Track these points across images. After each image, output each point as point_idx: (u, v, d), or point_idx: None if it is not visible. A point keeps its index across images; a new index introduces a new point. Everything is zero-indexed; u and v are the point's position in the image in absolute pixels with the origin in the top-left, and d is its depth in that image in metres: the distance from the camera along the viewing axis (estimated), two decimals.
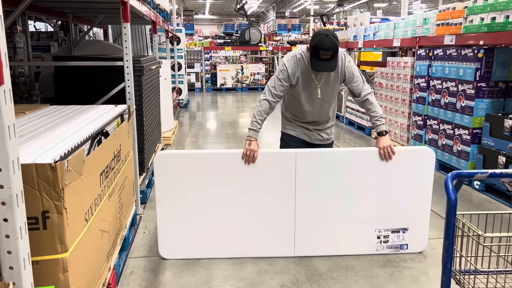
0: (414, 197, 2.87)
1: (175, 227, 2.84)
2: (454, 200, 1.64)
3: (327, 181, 2.84)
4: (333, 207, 2.88)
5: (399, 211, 2.90)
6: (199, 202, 2.82)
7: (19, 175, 1.22)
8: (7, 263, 1.22)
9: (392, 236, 2.93)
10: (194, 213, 2.83)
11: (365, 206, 2.89)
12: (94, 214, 2.02)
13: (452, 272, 1.73)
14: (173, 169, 2.76)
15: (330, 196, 2.86)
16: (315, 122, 3.01)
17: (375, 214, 2.90)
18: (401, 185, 2.86)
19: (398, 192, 2.86)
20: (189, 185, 2.79)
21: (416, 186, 2.86)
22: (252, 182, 2.81)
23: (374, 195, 2.87)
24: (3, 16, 1.14)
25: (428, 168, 2.86)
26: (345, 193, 2.86)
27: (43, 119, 2.45)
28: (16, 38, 5.14)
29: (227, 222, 2.86)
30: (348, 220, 2.90)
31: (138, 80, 3.86)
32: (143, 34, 8.35)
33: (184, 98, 10.39)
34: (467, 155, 4.49)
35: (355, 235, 2.93)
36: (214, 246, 2.90)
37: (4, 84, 1.14)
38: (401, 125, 6.02)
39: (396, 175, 2.84)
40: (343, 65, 2.81)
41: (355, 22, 8.38)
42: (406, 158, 2.85)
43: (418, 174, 2.85)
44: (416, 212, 2.90)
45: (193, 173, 2.78)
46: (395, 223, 2.92)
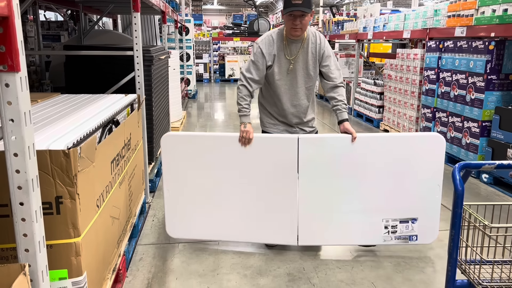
0: (423, 186, 2.74)
1: (180, 207, 2.86)
2: (461, 190, 1.66)
3: (331, 168, 2.75)
4: (338, 195, 2.79)
5: (407, 200, 2.77)
6: (203, 183, 2.82)
7: (34, 161, 1.26)
8: (23, 245, 1.26)
9: (400, 227, 2.80)
10: (197, 195, 2.84)
11: (371, 194, 2.77)
12: (105, 200, 2.06)
13: (457, 262, 1.75)
14: (178, 150, 2.78)
15: (334, 183, 2.77)
16: (294, 115, 2.89)
17: (382, 203, 2.78)
18: (409, 173, 2.73)
19: (407, 180, 2.74)
20: (193, 165, 2.80)
21: (425, 174, 2.73)
22: (254, 166, 2.77)
23: (380, 182, 2.75)
24: (18, 6, 1.17)
25: (438, 154, 2.71)
26: (350, 180, 2.76)
27: (55, 107, 2.49)
28: (27, 27, 5.19)
29: (229, 205, 2.83)
30: (354, 209, 2.80)
31: (147, 70, 3.89)
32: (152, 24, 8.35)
33: (192, 89, 10.41)
34: (475, 148, 4.47)
35: (361, 225, 2.82)
36: (217, 228, 2.88)
37: (20, 72, 1.17)
38: (409, 118, 5.99)
39: (404, 162, 2.73)
40: (321, 44, 2.76)
41: (365, 13, 8.32)
42: (414, 144, 2.73)
43: (427, 161, 2.71)
44: (425, 202, 2.76)
45: (196, 154, 2.78)
46: (404, 213, 2.79)
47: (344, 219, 2.81)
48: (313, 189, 2.79)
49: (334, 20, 9.86)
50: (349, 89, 8.41)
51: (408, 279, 2.60)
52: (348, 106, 8.39)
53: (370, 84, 7.36)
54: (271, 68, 2.78)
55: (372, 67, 8.92)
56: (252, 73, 2.77)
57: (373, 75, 8.57)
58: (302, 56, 2.76)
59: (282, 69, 2.78)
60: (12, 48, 1.14)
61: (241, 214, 2.84)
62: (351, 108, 8.23)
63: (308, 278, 2.60)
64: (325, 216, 2.82)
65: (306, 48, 2.74)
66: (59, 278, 1.66)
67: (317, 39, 2.76)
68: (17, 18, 1.15)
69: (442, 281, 1.98)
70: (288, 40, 2.73)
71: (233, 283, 2.54)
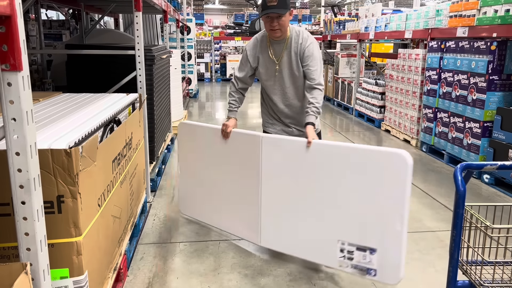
0: (382, 212, 2.24)
1: (187, 188, 3.31)
2: (462, 191, 1.65)
3: (290, 172, 2.56)
4: (296, 202, 2.56)
5: (365, 224, 2.31)
6: (198, 170, 3.16)
7: (36, 160, 1.26)
8: (25, 244, 1.26)
9: (357, 254, 2.35)
10: (195, 178, 3.19)
11: (327, 207, 2.43)
12: (106, 200, 2.06)
13: (459, 263, 1.75)
14: (187, 136, 3.21)
15: (292, 188, 2.56)
16: (288, 115, 2.88)
17: (338, 221, 2.40)
18: (368, 193, 2.29)
19: (365, 201, 2.30)
20: (193, 151, 3.18)
21: (385, 199, 2.23)
22: (231, 159, 2.89)
23: (337, 197, 2.39)
24: (21, 5, 1.17)
25: (401, 177, 2.16)
26: (307, 188, 2.50)
27: (56, 106, 2.49)
28: (29, 26, 5.19)
29: (216, 193, 3.06)
30: (311, 221, 2.51)
31: (149, 69, 3.89)
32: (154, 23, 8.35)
33: (193, 88, 10.41)
34: (477, 149, 4.46)
35: (316, 241, 2.50)
36: (208, 213, 3.18)
37: (22, 71, 1.17)
38: (411, 118, 5.99)
39: (363, 180, 2.30)
40: (303, 43, 2.67)
41: (367, 13, 8.30)
42: (374, 160, 2.28)
43: (388, 183, 2.22)
44: (385, 232, 2.25)
45: (195, 141, 3.12)
46: (361, 239, 2.33)
47: (300, 229, 2.57)
48: (274, 191, 2.68)
49: (336, 20, 9.85)
50: (350, 89, 8.41)
51: (410, 279, 2.59)
52: (349, 106, 8.39)
53: (372, 84, 7.35)
54: (258, 69, 2.84)
55: (373, 67, 8.91)
56: (239, 73, 2.89)
57: (374, 75, 8.56)
58: (286, 56, 2.72)
59: (269, 70, 2.79)
60: (14, 47, 1.14)
61: (223, 203, 3.02)
62: (352, 108, 8.23)
63: (309, 278, 2.60)
64: (283, 221, 2.65)
65: (289, 48, 2.70)
66: (60, 277, 1.66)
67: (300, 39, 2.69)
68: (19, 17, 1.15)
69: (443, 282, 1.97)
70: (271, 41, 2.73)
71: (233, 282, 2.54)
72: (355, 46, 8.65)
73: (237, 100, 2.92)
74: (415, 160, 5.24)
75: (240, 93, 2.93)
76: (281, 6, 2.52)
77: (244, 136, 2.80)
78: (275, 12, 2.52)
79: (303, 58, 2.68)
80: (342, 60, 8.98)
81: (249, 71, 2.85)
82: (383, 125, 6.86)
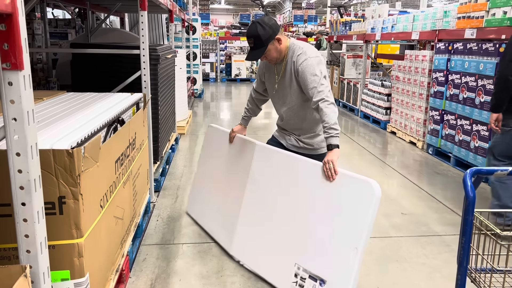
0: (341, 242, 2.08)
1: (197, 189, 3.40)
2: (472, 197, 1.61)
3: (271, 186, 2.50)
4: (268, 217, 2.50)
5: (323, 253, 2.16)
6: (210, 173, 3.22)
7: (37, 160, 1.23)
8: (24, 246, 1.24)
9: (308, 283, 2.21)
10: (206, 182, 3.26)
11: (295, 229, 2.34)
12: (109, 200, 2.04)
13: (467, 270, 1.70)
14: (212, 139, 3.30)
15: (269, 203, 2.51)
16: (287, 128, 2.77)
17: (301, 244, 2.28)
18: (333, 221, 2.15)
19: (329, 229, 2.16)
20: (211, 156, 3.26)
21: (343, 228, 2.09)
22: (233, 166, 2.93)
23: (306, 220, 2.29)
24: (23, 2, 1.15)
25: (364, 209, 2.01)
26: (283, 206, 2.43)
27: (60, 105, 2.47)
28: (35, 25, 5.19)
29: (215, 198, 3.10)
30: (275, 239, 2.44)
31: (154, 69, 3.87)
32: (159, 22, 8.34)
33: (198, 88, 10.40)
34: (484, 152, 4.41)
35: (276, 260, 2.42)
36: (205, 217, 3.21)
37: (24, 70, 1.14)
38: (417, 120, 5.93)
39: (332, 206, 2.17)
40: (297, 62, 2.48)
41: (373, 14, 8.25)
42: (342, 185, 2.15)
43: (350, 213, 2.08)
44: (337, 264, 2.08)
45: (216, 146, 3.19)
46: (315, 267, 2.19)
47: (264, 245, 2.52)
48: (253, 201, 2.66)
49: (342, 21, 9.80)
50: (356, 90, 8.36)
51: (416, 285, 2.55)
52: (355, 107, 8.34)
53: (378, 86, 7.30)
54: (266, 84, 2.82)
55: (379, 68, 8.86)
56: (255, 84, 2.92)
57: (380, 76, 8.50)
58: (285, 75, 2.59)
59: (271, 86, 2.73)
60: (15, 46, 1.11)
61: (217, 209, 3.05)
62: (358, 110, 8.17)
63: None
64: (252, 233, 2.61)
65: (286, 67, 2.57)
66: (61, 279, 1.64)
67: (294, 57, 2.50)
68: (21, 15, 1.13)
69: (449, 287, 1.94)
70: None
71: (237, 285, 2.51)
72: (361, 47, 8.60)
73: (249, 110, 2.96)
74: (421, 162, 5.19)
75: (255, 104, 2.95)
76: (258, 47, 2.45)
77: (243, 142, 2.86)
78: (253, 56, 2.49)
79: (298, 78, 2.50)
80: (348, 61, 8.93)
81: (260, 84, 2.86)
82: (389, 127, 6.81)
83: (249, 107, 2.96)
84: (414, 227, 3.34)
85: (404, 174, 4.69)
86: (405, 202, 3.87)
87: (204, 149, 3.42)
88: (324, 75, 2.43)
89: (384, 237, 3.17)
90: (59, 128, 1.90)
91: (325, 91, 2.38)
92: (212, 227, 3.09)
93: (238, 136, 2.94)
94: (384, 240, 3.12)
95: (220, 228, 2.96)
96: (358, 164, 5.07)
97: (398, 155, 5.56)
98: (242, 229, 2.71)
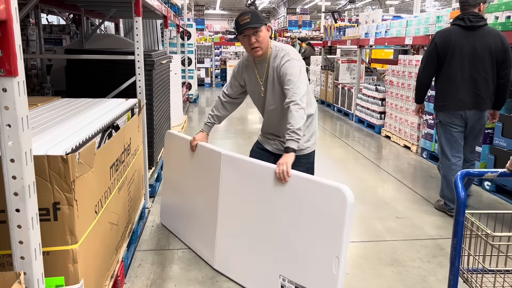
0: (322, 252, 2.04)
1: (167, 197, 3.34)
2: (463, 198, 1.64)
3: (246, 196, 2.43)
4: (248, 228, 2.44)
5: (306, 263, 2.12)
6: (177, 181, 3.13)
7: (31, 167, 1.23)
8: (19, 253, 1.24)
9: None
10: (175, 190, 3.18)
11: (275, 240, 2.28)
12: (103, 206, 2.04)
13: (459, 271, 1.73)
14: (172, 146, 3.18)
15: (246, 213, 2.44)
16: (272, 132, 2.75)
17: (283, 255, 2.24)
18: (311, 230, 2.10)
19: (308, 238, 2.11)
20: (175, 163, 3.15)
21: (323, 238, 2.03)
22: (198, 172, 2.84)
23: (285, 230, 2.23)
24: (17, 9, 1.15)
25: (339, 216, 1.95)
26: (260, 216, 2.36)
27: (54, 111, 2.47)
28: (29, 31, 5.19)
29: (186, 207, 3.02)
30: (258, 251, 2.38)
31: (148, 75, 3.88)
32: (154, 28, 8.37)
33: (193, 93, 10.41)
34: (478, 155, 4.44)
35: (262, 273, 2.38)
36: (180, 227, 3.15)
37: (18, 76, 1.15)
38: (411, 124, 5.97)
39: (307, 215, 2.11)
40: (279, 62, 2.48)
41: (367, 19, 8.31)
42: (315, 193, 2.08)
43: (326, 221, 2.02)
44: (321, 274, 2.04)
45: (178, 153, 3.06)
46: (301, 278, 2.16)
47: (248, 258, 2.47)
48: (229, 212, 2.58)
49: (336, 26, 9.87)
50: (350, 95, 8.40)
51: None
52: (349, 111, 8.38)
53: (372, 90, 7.35)
54: (246, 87, 2.78)
55: (373, 73, 8.91)
56: (227, 89, 2.84)
57: (374, 81, 8.55)
58: (269, 77, 2.57)
59: (255, 90, 2.69)
60: (10, 52, 1.12)
61: (190, 218, 2.98)
62: (353, 114, 8.21)
63: None
64: (234, 246, 2.56)
65: (270, 68, 2.55)
66: (56, 285, 1.63)
67: (277, 58, 2.51)
68: (15, 22, 1.13)
69: None
70: (256, 62, 2.63)
71: None
72: (355, 52, 8.66)
73: (214, 116, 2.85)
74: (416, 166, 5.22)
75: (225, 108, 2.86)
76: (255, 21, 2.42)
77: (208, 151, 2.73)
78: (250, 27, 2.41)
79: (280, 77, 2.50)
80: (342, 66, 8.98)
81: (236, 89, 2.81)
82: (383, 131, 6.84)
83: (214, 113, 2.85)
84: (408, 231, 3.36)
85: (398, 178, 4.71)
86: (399, 206, 3.89)
87: (167, 158, 3.26)
88: (303, 80, 2.45)
89: (379, 241, 3.18)
90: (54, 134, 1.90)
91: (299, 94, 2.38)
92: (190, 240, 3.00)
93: (202, 144, 2.79)
94: (379, 244, 3.13)
95: (199, 241, 2.87)
96: (353, 168, 5.09)
97: (392, 159, 5.59)
98: (222, 242, 2.63)
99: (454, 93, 3.49)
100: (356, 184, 4.45)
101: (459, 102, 3.47)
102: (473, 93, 3.44)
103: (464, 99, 3.45)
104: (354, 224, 3.47)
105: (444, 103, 3.57)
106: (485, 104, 3.48)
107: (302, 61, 2.57)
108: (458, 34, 3.47)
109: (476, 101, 3.45)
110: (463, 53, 3.43)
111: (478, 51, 3.40)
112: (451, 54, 3.47)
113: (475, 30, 3.44)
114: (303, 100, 2.39)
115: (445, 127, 3.60)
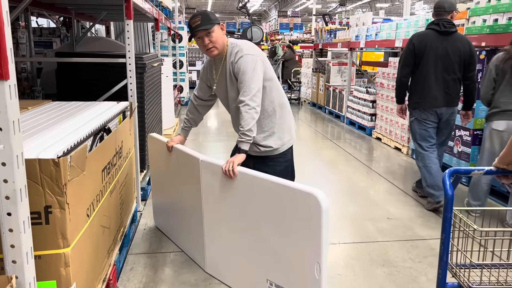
0: (303, 257, 2.03)
1: (157, 200, 3.36)
2: (451, 195, 1.70)
3: (227, 200, 2.42)
4: (233, 232, 2.44)
5: (291, 268, 2.12)
6: (164, 184, 3.13)
7: (23, 170, 1.23)
8: (10, 257, 1.23)
9: None
10: (163, 193, 3.19)
11: (260, 244, 2.28)
12: (95, 210, 2.03)
13: (448, 266, 1.77)
14: (155, 149, 3.17)
15: (230, 217, 2.44)
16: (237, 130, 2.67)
17: (269, 259, 2.24)
18: (290, 235, 2.09)
19: (289, 243, 2.11)
20: (160, 166, 3.15)
21: (304, 243, 2.02)
22: (178, 175, 2.84)
23: (267, 234, 2.23)
24: (8, 13, 1.15)
25: (315, 221, 1.92)
26: (242, 220, 2.36)
27: (45, 114, 2.46)
28: (19, 34, 5.15)
29: (175, 210, 3.03)
30: (245, 254, 2.39)
31: (140, 77, 3.87)
32: (145, 31, 8.35)
33: (185, 96, 10.40)
34: (467, 156, 4.50)
35: (251, 277, 2.39)
36: (171, 229, 3.17)
37: (9, 79, 1.15)
38: (402, 126, 6.02)
39: (285, 220, 2.10)
40: (234, 59, 2.48)
41: (357, 22, 8.38)
42: (292, 200, 2.04)
43: (303, 227, 2.00)
44: (306, 279, 2.03)
45: (161, 157, 3.04)
46: (286, 283, 2.18)
47: (237, 261, 2.48)
48: (214, 216, 2.57)
49: (327, 29, 9.93)
50: (341, 97, 8.45)
51: None
52: (341, 114, 8.43)
53: (363, 92, 7.40)
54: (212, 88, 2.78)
55: (364, 75, 8.98)
56: (197, 91, 2.87)
57: (365, 83, 8.62)
58: (223, 74, 2.59)
59: (218, 91, 2.71)
60: (1, 55, 1.12)
61: (179, 221, 2.98)
62: (344, 116, 8.26)
63: None
64: (222, 250, 2.57)
65: (225, 65, 2.56)
66: None
67: (232, 55, 2.51)
68: (6, 25, 1.13)
69: None
70: (214, 60, 2.65)
71: None
72: (346, 55, 8.72)
73: (190, 120, 2.87)
74: (406, 168, 5.27)
75: (198, 111, 2.87)
76: (206, 23, 2.44)
77: (187, 157, 2.69)
78: (202, 29, 2.44)
79: (236, 74, 2.48)
80: (333, 68, 9.03)
81: (205, 90, 2.81)
82: (374, 133, 6.89)
83: (189, 117, 2.87)
84: (400, 232, 3.39)
85: (389, 179, 4.75)
86: (390, 207, 3.92)
87: (152, 161, 3.28)
88: (256, 76, 2.42)
89: (370, 242, 3.21)
90: (45, 138, 1.90)
91: (250, 93, 2.37)
92: (182, 243, 3.00)
93: (181, 149, 2.76)
94: (371, 245, 3.16)
95: (190, 245, 2.88)
96: (344, 170, 5.12)
97: (383, 161, 5.63)
98: (211, 246, 2.63)
99: (429, 91, 3.78)
100: (347, 186, 4.48)
101: (434, 100, 3.77)
102: (444, 92, 3.77)
103: (438, 97, 3.77)
104: (346, 225, 3.49)
105: (420, 100, 3.84)
106: (455, 101, 3.84)
107: (260, 55, 2.52)
108: (433, 38, 3.78)
109: (447, 99, 3.78)
110: (437, 56, 3.76)
111: (450, 54, 3.74)
112: (427, 55, 3.77)
113: (448, 35, 3.78)
114: (254, 99, 2.38)
115: (420, 123, 3.87)
